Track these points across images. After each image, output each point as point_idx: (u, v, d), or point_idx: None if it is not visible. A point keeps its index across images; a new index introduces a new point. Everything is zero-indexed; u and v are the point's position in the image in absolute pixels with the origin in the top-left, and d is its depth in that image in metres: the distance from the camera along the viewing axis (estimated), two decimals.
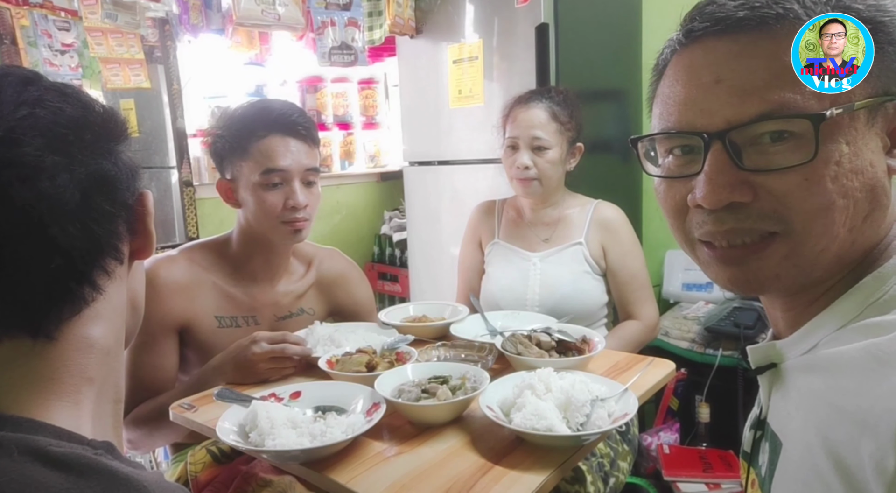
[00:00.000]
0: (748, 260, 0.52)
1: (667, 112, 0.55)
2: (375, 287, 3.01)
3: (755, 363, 0.60)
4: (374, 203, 3.20)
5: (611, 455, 1.23)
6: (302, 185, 1.25)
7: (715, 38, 0.51)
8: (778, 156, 0.48)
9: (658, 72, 0.58)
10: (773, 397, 0.59)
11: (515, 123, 1.49)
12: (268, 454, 0.85)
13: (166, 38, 2.24)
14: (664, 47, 0.58)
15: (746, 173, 0.49)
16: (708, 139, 0.50)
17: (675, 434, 2.03)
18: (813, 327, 0.53)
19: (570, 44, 2.01)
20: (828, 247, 0.50)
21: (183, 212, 2.38)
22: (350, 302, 1.47)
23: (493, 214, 1.67)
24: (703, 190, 0.51)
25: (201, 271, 1.26)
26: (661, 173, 0.57)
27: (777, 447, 0.55)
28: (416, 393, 0.96)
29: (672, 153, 0.56)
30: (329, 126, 3.00)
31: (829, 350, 0.50)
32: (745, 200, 0.50)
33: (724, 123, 0.49)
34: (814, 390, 0.51)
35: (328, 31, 2.15)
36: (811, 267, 0.51)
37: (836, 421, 0.46)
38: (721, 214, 0.51)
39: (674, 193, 0.56)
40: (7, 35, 1.84)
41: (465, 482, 0.78)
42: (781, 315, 0.59)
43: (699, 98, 0.51)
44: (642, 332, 1.49)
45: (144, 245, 0.52)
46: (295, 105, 1.31)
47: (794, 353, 0.55)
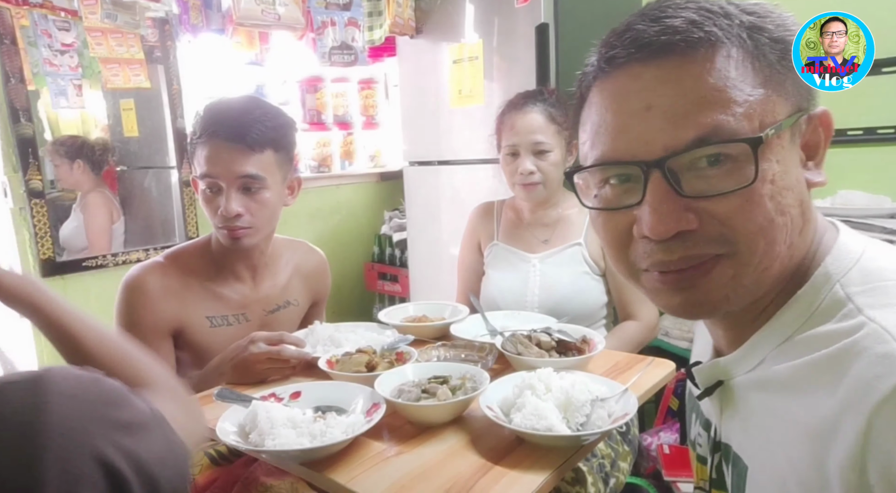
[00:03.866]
0: (697, 283, 0.51)
1: (599, 141, 0.54)
2: (375, 287, 3.01)
3: (703, 384, 0.60)
4: (374, 203, 3.20)
5: (611, 456, 1.23)
6: (239, 192, 1.19)
7: (640, 65, 0.50)
8: (717, 180, 0.48)
9: (579, 98, 0.58)
10: (725, 417, 0.59)
11: (514, 130, 1.48)
12: (267, 454, 0.85)
13: (166, 38, 2.24)
14: (584, 72, 0.57)
15: (688, 200, 0.49)
16: (647, 168, 0.50)
17: (675, 434, 2.03)
18: (756, 342, 0.53)
19: (570, 44, 2.01)
20: (770, 265, 0.50)
21: (183, 212, 2.38)
22: (323, 293, 1.52)
23: (492, 215, 1.67)
24: (650, 221, 0.50)
25: (188, 273, 1.27)
26: (599, 205, 0.56)
27: (742, 470, 0.55)
28: (416, 393, 0.96)
29: (608, 183, 0.55)
30: (329, 126, 3.00)
31: (781, 366, 0.50)
32: (691, 227, 0.49)
33: (662, 150, 0.49)
34: (773, 409, 0.51)
35: (328, 31, 2.15)
36: (756, 286, 0.51)
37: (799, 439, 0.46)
38: (670, 244, 0.50)
39: (615, 224, 0.55)
40: (7, 35, 1.84)
41: (465, 482, 0.78)
42: (723, 334, 0.59)
43: (632, 126, 0.51)
44: (642, 332, 1.49)
45: None
46: (258, 106, 1.23)
47: (741, 369, 0.55)
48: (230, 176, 1.18)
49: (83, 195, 2.18)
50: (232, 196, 1.18)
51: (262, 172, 1.20)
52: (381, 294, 3.02)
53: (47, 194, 2.03)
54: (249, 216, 1.21)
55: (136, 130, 2.30)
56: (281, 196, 1.27)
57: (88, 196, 2.19)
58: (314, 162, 2.96)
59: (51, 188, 2.09)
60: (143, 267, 1.25)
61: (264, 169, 1.20)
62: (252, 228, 1.22)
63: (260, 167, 1.19)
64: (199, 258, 1.30)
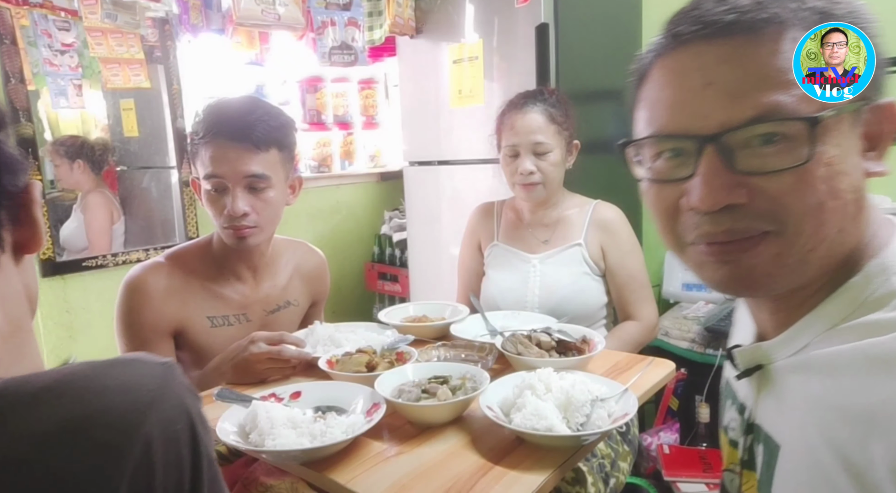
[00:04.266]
0: (741, 257, 0.52)
1: (656, 116, 0.55)
2: (375, 287, 3.01)
3: (743, 366, 0.60)
4: (374, 203, 3.20)
5: (611, 456, 1.23)
6: (245, 191, 1.19)
7: (703, 42, 0.51)
8: (771, 158, 0.49)
9: (639, 76, 0.58)
10: (761, 399, 0.59)
11: (514, 130, 1.48)
12: (268, 454, 0.85)
13: (166, 38, 2.24)
14: (646, 51, 0.57)
15: (740, 176, 0.50)
16: (701, 142, 0.50)
17: (675, 434, 2.03)
18: (802, 327, 0.54)
19: (570, 44, 2.01)
20: (816, 247, 0.50)
21: (183, 212, 2.38)
22: (322, 294, 1.52)
23: (492, 216, 1.67)
24: (700, 193, 0.51)
25: (188, 273, 1.27)
26: (650, 177, 0.57)
27: (774, 449, 0.55)
28: (416, 393, 0.96)
29: (661, 157, 0.56)
30: (329, 126, 3.00)
31: (825, 350, 0.50)
32: (741, 201, 0.50)
33: (718, 127, 0.50)
34: (811, 391, 0.51)
35: (328, 31, 2.15)
36: (801, 267, 0.51)
37: (839, 421, 0.46)
38: (717, 216, 0.51)
39: (664, 197, 0.56)
40: (7, 35, 1.84)
41: (465, 483, 0.78)
42: (769, 317, 0.59)
43: (690, 102, 0.52)
44: (641, 333, 1.49)
45: (32, 236, 0.52)
46: (259, 106, 1.23)
47: (783, 354, 0.56)
48: (236, 175, 1.18)
49: (83, 195, 2.18)
50: (238, 195, 1.18)
51: (268, 171, 1.20)
52: (381, 294, 3.02)
53: (47, 194, 2.03)
54: (255, 215, 1.21)
55: (136, 130, 2.30)
56: (284, 195, 1.28)
57: (88, 196, 2.19)
58: (314, 162, 2.96)
59: (51, 188, 2.09)
60: (143, 267, 1.25)
61: (269, 168, 1.20)
62: (257, 227, 1.23)
63: (265, 166, 1.20)
64: (199, 258, 1.30)
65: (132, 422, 0.44)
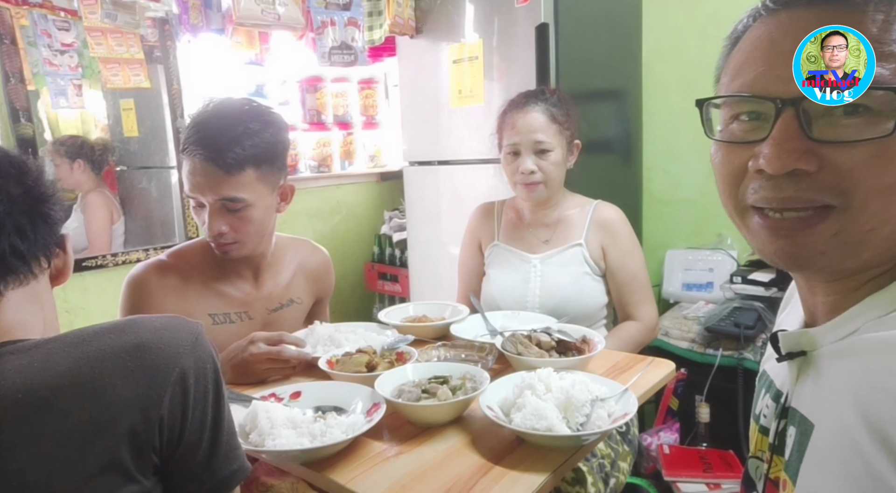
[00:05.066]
0: (797, 234, 0.51)
1: (741, 75, 0.54)
2: (375, 287, 3.01)
3: (786, 349, 0.59)
4: (374, 203, 3.20)
5: (611, 456, 1.23)
6: (222, 211, 1.17)
7: (804, 7, 0.50)
8: (850, 129, 0.48)
9: (733, 40, 0.57)
10: (800, 384, 0.58)
11: (515, 130, 1.48)
12: (268, 454, 0.85)
13: (166, 38, 2.24)
14: (745, 15, 0.56)
15: (814, 143, 0.48)
16: (781, 105, 0.49)
17: (675, 434, 2.03)
18: (855, 313, 0.53)
19: (570, 44, 2.00)
20: (879, 228, 0.49)
21: (183, 212, 2.38)
22: (326, 291, 1.52)
23: (493, 216, 1.67)
24: (769, 154, 0.50)
25: (190, 271, 1.27)
26: (722, 138, 0.56)
27: (808, 429, 0.54)
28: (416, 393, 0.96)
29: (738, 119, 0.55)
30: (329, 126, 3.00)
31: (874, 334, 0.50)
32: (809, 168, 0.49)
33: (801, 92, 0.48)
34: (854, 372, 0.50)
35: (328, 30, 2.15)
36: (859, 247, 0.50)
37: (883, 401, 0.45)
38: (781, 181, 0.50)
39: (732, 158, 0.55)
40: (7, 35, 1.84)
41: (465, 483, 0.78)
42: (822, 300, 0.58)
43: (777, 64, 0.50)
44: (641, 332, 1.49)
45: (64, 268, 0.74)
46: (243, 120, 1.16)
47: (830, 339, 0.55)
48: (210, 197, 1.16)
49: (83, 195, 2.18)
50: (214, 216, 1.17)
51: (242, 194, 1.16)
52: (381, 294, 3.01)
53: None
54: (234, 233, 1.19)
55: (136, 130, 2.30)
56: (269, 208, 1.24)
57: (88, 196, 2.19)
58: (314, 162, 2.96)
59: None
60: (146, 265, 1.25)
61: (243, 189, 1.16)
62: (238, 243, 1.21)
63: (239, 188, 1.16)
64: (201, 257, 1.30)
65: (173, 353, 0.62)
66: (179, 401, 0.61)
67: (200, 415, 0.64)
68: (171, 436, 0.62)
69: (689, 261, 2.34)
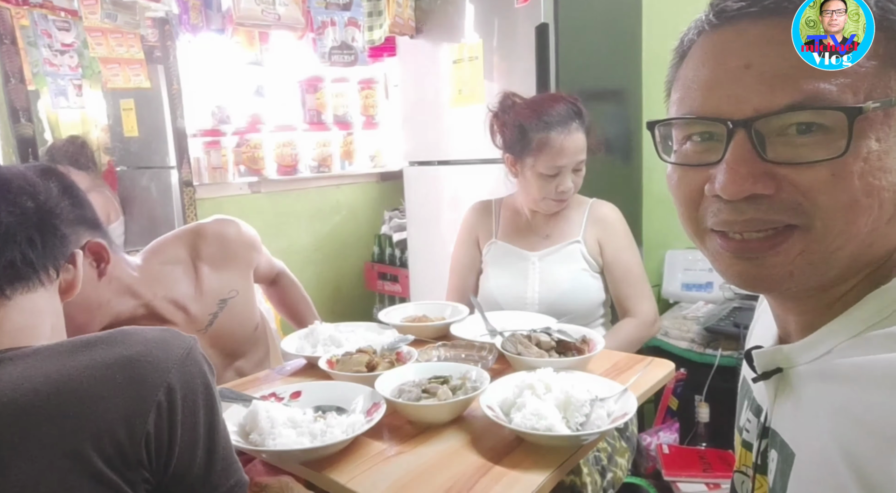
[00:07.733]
0: (762, 255, 0.49)
1: (689, 96, 0.52)
2: (375, 287, 3.01)
3: (761, 368, 0.58)
4: (374, 203, 3.20)
5: (608, 450, 1.24)
6: None
7: (749, 21, 0.48)
8: (805, 149, 0.46)
9: (680, 54, 0.55)
10: (778, 404, 0.57)
11: (562, 153, 1.43)
12: (268, 453, 0.86)
13: (166, 38, 2.24)
14: (690, 28, 0.54)
15: (770, 165, 0.47)
16: (732, 127, 0.48)
17: (675, 434, 2.03)
18: (827, 332, 0.51)
19: (570, 44, 2.01)
20: (843, 246, 0.47)
21: (183, 212, 2.38)
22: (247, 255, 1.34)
23: (490, 213, 1.67)
24: (724, 180, 0.48)
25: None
26: (677, 160, 0.54)
27: (789, 457, 0.53)
28: (416, 393, 0.96)
29: (690, 140, 0.53)
30: (329, 126, 3.00)
31: (852, 360, 0.48)
32: (767, 192, 0.47)
33: (752, 112, 0.47)
34: (833, 400, 0.48)
35: (328, 30, 2.15)
36: (825, 266, 0.49)
37: (861, 435, 0.44)
38: (740, 205, 0.49)
39: (689, 181, 0.53)
40: (7, 35, 1.84)
41: (465, 482, 0.79)
42: (795, 319, 0.57)
43: (726, 83, 0.49)
44: (639, 329, 1.49)
45: (73, 282, 0.76)
46: None
47: (805, 358, 0.53)
48: None
49: None
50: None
51: None
52: (381, 294, 3.02)
53: None
54: None
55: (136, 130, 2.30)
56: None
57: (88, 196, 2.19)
58: (314, 162, 2.96)
59: None
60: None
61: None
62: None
63: None
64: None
65: (162, 368, 0.62)
66: (167, 417, 0.61)
67: (191, 431, 0.63)
68: (159, 452, 0.61)
69: (688, 261, 2.34)
